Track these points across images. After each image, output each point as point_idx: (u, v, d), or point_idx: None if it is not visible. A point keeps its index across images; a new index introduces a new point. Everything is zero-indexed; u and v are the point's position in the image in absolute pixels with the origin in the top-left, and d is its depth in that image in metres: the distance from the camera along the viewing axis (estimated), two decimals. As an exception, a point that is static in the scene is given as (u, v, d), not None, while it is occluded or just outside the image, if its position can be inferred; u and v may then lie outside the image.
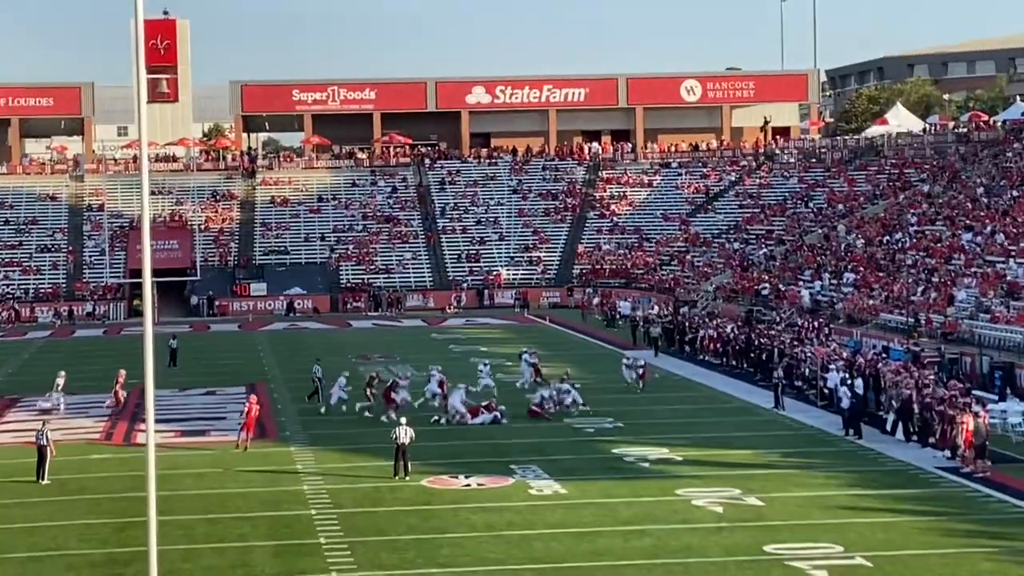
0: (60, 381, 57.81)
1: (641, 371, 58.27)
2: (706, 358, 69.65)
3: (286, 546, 34.15)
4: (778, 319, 74.63)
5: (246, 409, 48.28)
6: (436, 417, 51.65)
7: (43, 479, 41.85)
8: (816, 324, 69.43)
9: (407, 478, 41.35)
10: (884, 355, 58.99)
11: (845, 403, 48.63)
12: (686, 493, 39.21)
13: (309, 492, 40.22)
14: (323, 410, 53.60)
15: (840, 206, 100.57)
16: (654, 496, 39.02)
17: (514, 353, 67.54)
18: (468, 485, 40.94)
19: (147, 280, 18.18)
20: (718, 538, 34.15)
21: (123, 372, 58.06)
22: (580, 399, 53.47)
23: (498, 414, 51.62)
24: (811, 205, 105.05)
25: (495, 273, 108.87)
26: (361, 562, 32.31)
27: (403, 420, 43.21)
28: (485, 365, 59.88)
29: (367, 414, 52.40)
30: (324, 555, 33.11)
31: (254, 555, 33.38)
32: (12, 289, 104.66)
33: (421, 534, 35.03)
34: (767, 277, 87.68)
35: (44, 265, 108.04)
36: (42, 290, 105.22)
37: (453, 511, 37.48)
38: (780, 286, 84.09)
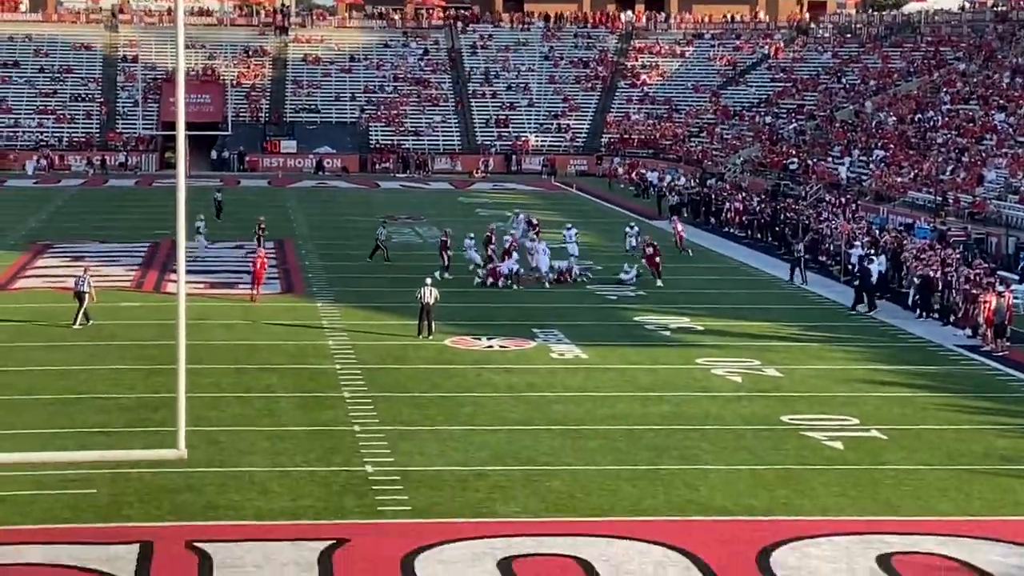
0: (200, 224, 59.00)
1: (646, 241, 57.73)
2: (731, 231, 69.81)
3: (311, 398, 34.75)
4: (805, 194, 74.64)
5: (256, 262, 49.36)
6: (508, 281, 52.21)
7: (76, 324, 42.52)
8: (843, 200, 69.44)
9: (430, 338, 41.87)
10: (910, 233, 59.09)
11: (874, 278, 48.94)
12: (706, 362, 39.66)
13: (334, 347, 40.80)
14: (448, 276, 52.67)
15: (873, 83, 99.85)
16: (674, 364, 39.49)
17: (544, 219, 67.76)
18: (490, 347, 41.45)
19: (181, 132, 18.41)
20: (736, 407, 34.63)
21: (262, 219, 59.03)
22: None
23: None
24: (844, 81, 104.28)
25: (523, 139, 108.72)
26: (384, 417, 32.88)
27: (428, 280, 43.59)
28: (569, 229, 59.77)
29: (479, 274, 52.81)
30: (348, 408, 33.70)
31: (279, 405, 34.01)
32: (46, 137, 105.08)
33: (443, 392, 35.59)
34: (796, 152, 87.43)
35: (78, 114, 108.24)
36: (76, 139, 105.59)
37: (475, 371, 38.01)
38: (808, 161, 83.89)
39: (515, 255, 53.20)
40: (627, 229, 61.99)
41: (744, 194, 74.93)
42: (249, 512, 26.10)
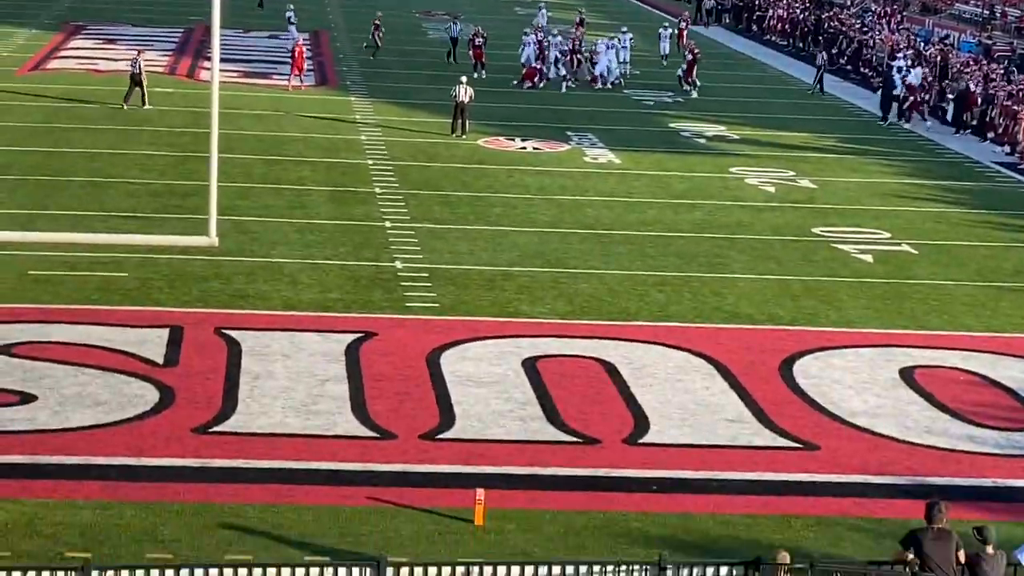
0: (291, 15, 58.43)
1: (689, 47, 56.72)
2: (773, 38, 68.85)
3: (342, 192, 34.75)
4: (850, 3, 73.39)
5: (294, 51, 49.17)
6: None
7: (146, 104, 42.78)
8: (888, 11, 68.31)
9: (464, 136, 41.68)
10: (954, 46, 58.24)
11: (898, 90, 48.41)
12: (739, 171, 39.47)
13: (367, 142, 40.68)
14: (483, 75, 51.81)
15: None
16: (708, 172, 39.31)
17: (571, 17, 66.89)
18: (524, 148, 41.27)
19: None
20: (767, 217, 34.54)
21: (380, 14, 57.99)
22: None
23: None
24: None
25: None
26: (415, 214, 32.90)
27: (463, 78, 43.19)
28: (624, 33, 58.82)
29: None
30: (379, 204, 33.72)
31: (310, 198, 34.04)
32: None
33: (474, 192, 35.54)
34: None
35: None
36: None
37: (507, 172, 37.91)
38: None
39: (605, 56, 52.63)
40: (660, 31, 60.87)
41: (788, 1, 73.67)
42: (278, 302, 26.29)
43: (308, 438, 20.33)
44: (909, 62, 51.59)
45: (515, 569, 14.01)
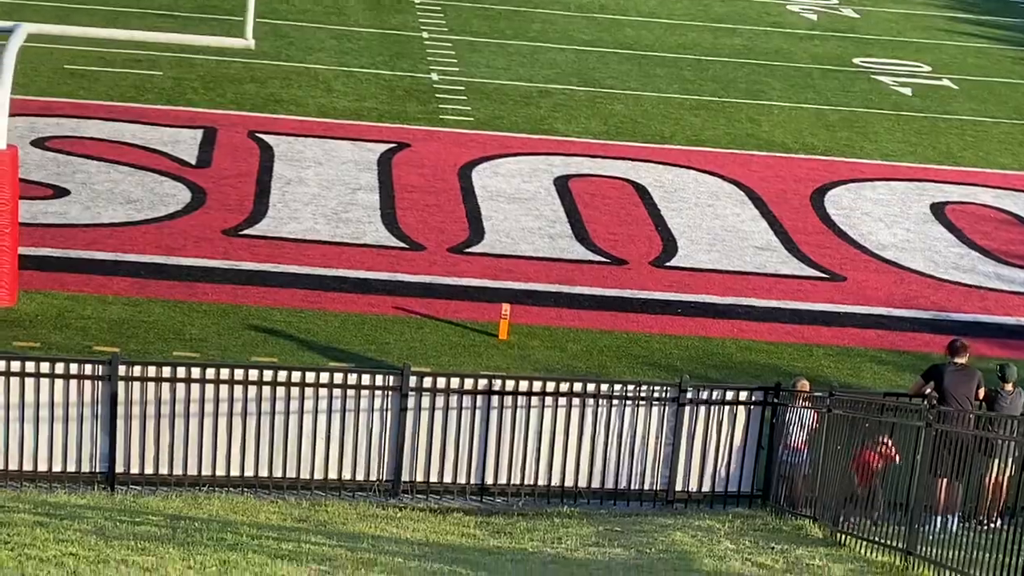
0: None
1: None
2: None
3: (380, 1, 34.40)
4: None
5: None
6: None
7: None
8: None
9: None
10: None
11: None
12: (783, -3, 38.96)
13: (407, -50, 40.17)
14: None
15: None
16: (750, -4, 38.80)
17: None
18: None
19: None
20: (808, 45, 34.14)
21: None
22: None
23: None
24: None
25: None
26: (452, 26, 32.62)
27: None
28: None
29: None
30: (417, 14, 33.41)
31: (348, 5, 33.74)
32: None
33: (513, 6, 35.16)
34: None
35: None
36: None
37: (548, -14, 37.47)
38: None
39: None
40: None
41: None
42: (312, 108, 26.22)
43: (337, 246, 20.43)
44: None
45: (536, 384, 14.15)
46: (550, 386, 14.29)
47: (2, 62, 17.11)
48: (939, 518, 12.26)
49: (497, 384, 14.21)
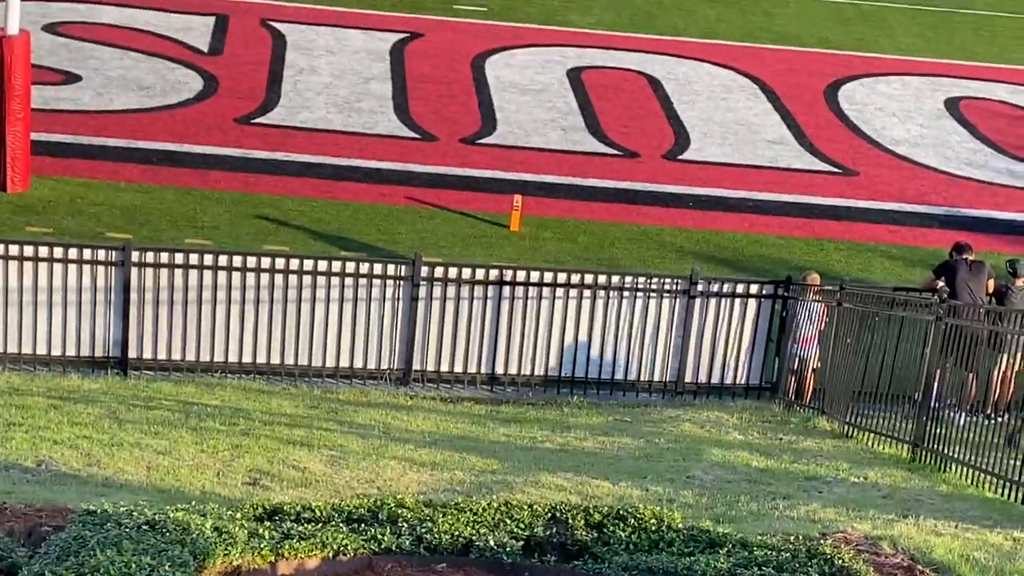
0: None
1: None
2: None
3: None
4: None
5: None
6: None
7: None
8: None
9: None
10: None
11: None
12: None
13: None
14: None
15: None
16: None
17: None
18: None
19: None
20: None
21: None
22: None
23: None
24: None
25: None
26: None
27: None
28: None
29: None
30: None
31: None
32: None
33: None
34: None
35: None
36: None
37: None
38: None
39: None
40: None
41: None
42: (324, -4, 26.07)
43: (349, 135, 20.39)
44: None
45: (547, 275, 14.19)
46: (561, 277, 14.34)
47: (13, -54, 16.99)
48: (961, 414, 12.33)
49: (508, 275, 14.27)
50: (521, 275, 14.29)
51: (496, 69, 23.45)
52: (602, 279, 14.37)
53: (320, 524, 6.60)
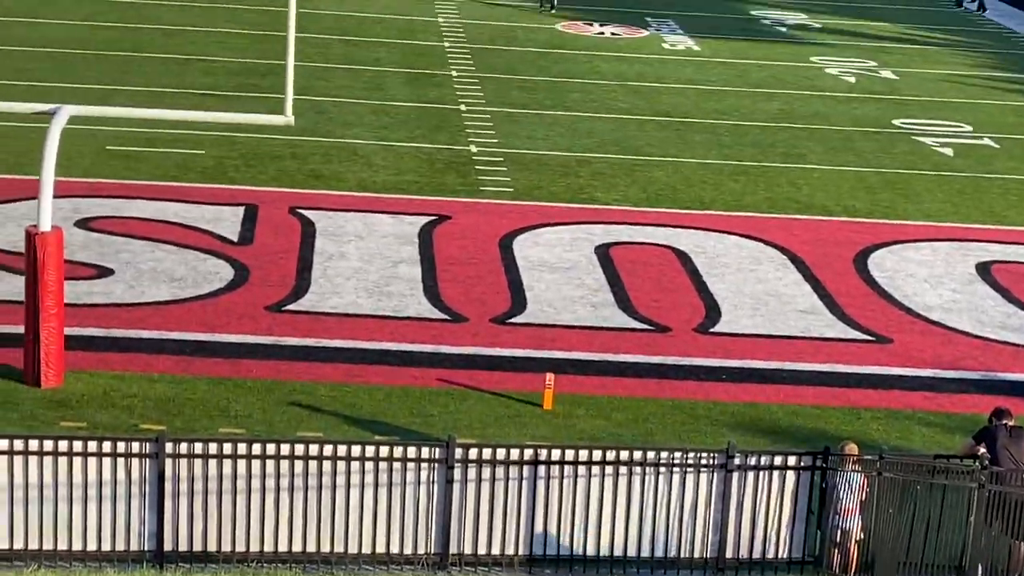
0: None
1: None
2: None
3: (418, 75, 34.63)
4: None
5: None
6: None
7: None
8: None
9: (553, 11, 41.80)
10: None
11: None
12: (820, 61, 38.98)
13: (444, 24, 40.45)
14: None
15: None
16: (787, 61, 38.84)
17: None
18: (602, 33, 40.92)
19: None
20: (846, 108, 34.12)
21: None
22: None
23: None
24: None
25: None
26: (490, 98, 32.76)
27: None
28: None
29: None
30: (455, 87, 33.59)
31: (387, 80, 33.94)
32: None
33: (551, 77, 35.32)
34: None
35: None
36: None
37: (585, 58, 37.63)
38: None
39: None
40: None
41: None
42: (352, 183, 26.33)
43: (380, 319, 20.44)
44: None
45: (583, 453, 14.09)
46: (596, 455, 14.22)
47: (45, 145, 17.25)
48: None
49: (543, 454, 14.15)
50: (556, 454, 14.18)
51: (524, 248, 23.56)
52: (638, 455, 14.24)
53: None
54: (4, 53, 33.76)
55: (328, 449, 13.85)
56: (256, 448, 13.77)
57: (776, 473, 14.33)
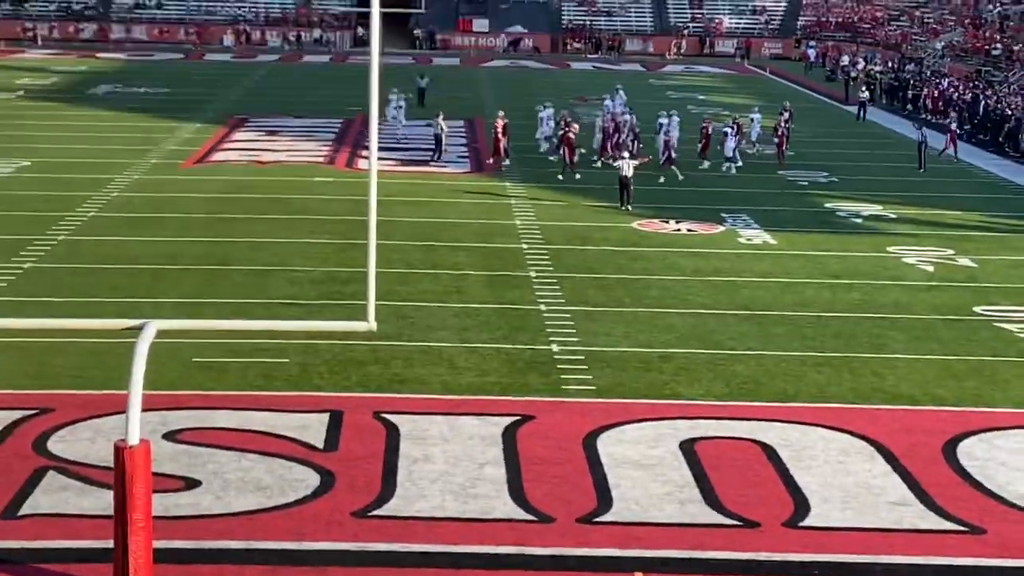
0: (396, 101, 58.42)
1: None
2: (928, 116, 68.16)
3: (498, 277, 34.99)
4: (1008, 81, 72.45)
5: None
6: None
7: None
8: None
9: (630, 208, 42.38)
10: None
11: None
12: (897, 251, 39.01)
13: (521, 226, 40.97)
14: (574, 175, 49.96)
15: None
16: (864, 252, 38.91)
17: (734, 102, 66.94)
18: (678, 230, 41.26)
19: (376, 9, 18.43)
20: (927, 296, 34.04)
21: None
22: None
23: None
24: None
25: (717, 21, 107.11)
26: (569, 297, 33.00)
27: (625, 153, 44.19)
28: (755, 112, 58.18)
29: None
30: (534, 288, 33.88)
31: (467, 282, 34.32)
32: (244, 12, 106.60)
33: (629, 275, 35.57)
34: (999, 37, 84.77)
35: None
36: (272, 15, 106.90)
37: (662, 255, 37.90)
38: (1013, 47, 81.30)
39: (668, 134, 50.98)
40: (753, 115, 57.85)
41: (942, 80, 73.05)
42: (436, 386, 26.48)
43: (467, 522, 20.39)
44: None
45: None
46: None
47: (133, 360, 17.54)
48: None
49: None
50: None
51: (608, 446, 23.52)
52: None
53: None
54: (95, 271, 34.51)
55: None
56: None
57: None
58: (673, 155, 49.00)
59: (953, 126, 57.35)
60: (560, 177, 48.73)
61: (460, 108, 60.10)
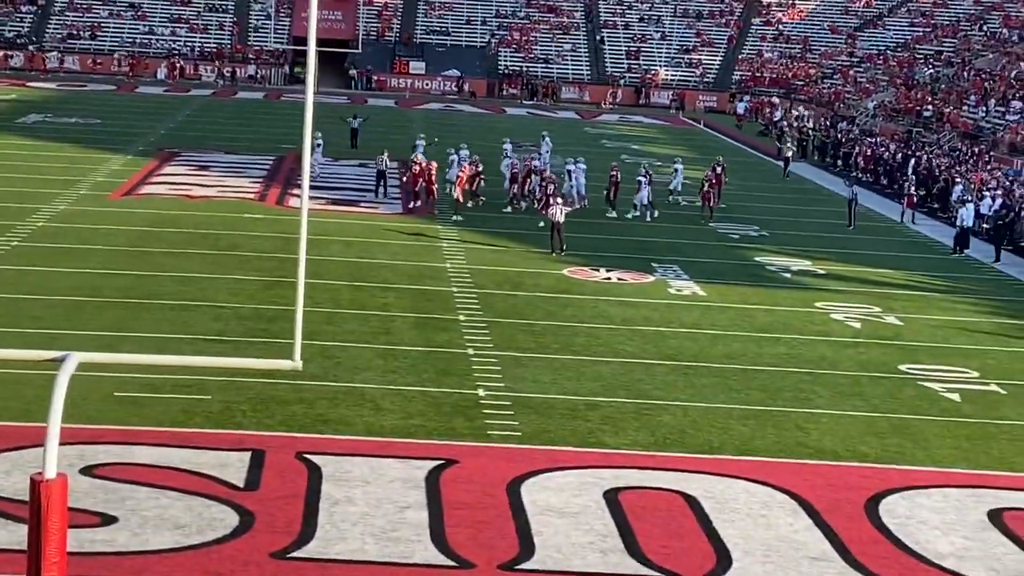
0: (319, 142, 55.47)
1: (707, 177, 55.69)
2: (858, 175, 68.78)
3: (426, 319, 34.85)
4: (938, 142, 73.29)
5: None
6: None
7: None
8: (976, 150, 68.12)
9: (562, 254, 42.49)
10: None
11: (967, 222, 49.09)
12: (825, 306, 39.22)
13: (452, 270, 40.88)
14: (519, 206, 51.91)
15: (1017, 33, 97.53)
16: (793, 306, 39.09)
17: (669, 153, 67.27)
18: (608, 279, 41.30)
19: (312, 48, 18.30)
20: (853, 353, 34.21)
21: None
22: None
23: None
24: (985, 28, 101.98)
25: (653, 72, 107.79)
26: (497, 342, 32.90)
27: (559, 200, 44.55)
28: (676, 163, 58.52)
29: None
30: (463, 331, 33.76)
31: (395, 324, 34.16)
32: (178, 46, 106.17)
33: (558, 321, 35.52)
34: (931, 99, 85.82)
35: (211, 25, 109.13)
36: (207, 49, 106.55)
37: (592, 302, 37.89)
38: (944, 109, 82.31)
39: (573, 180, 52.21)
40: (675, 165, 58.22)
41: (873, 139, 73.79)
42: (360, 427, 26.28)
43: (387, 565, 20.19)
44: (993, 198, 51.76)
45: None
46: None
47: (53, 393, 17.24)
48: None
49: None
50: None
51: (532, 492, 23.39)
52: None
53: None
54: (17, 301, 34.06)
55: None
56: None
57: None
58: (585, 203, 50.47)
59: (912, 190, 57.43)
60: (508, 209, 49.65)
61: (394, 149, 59.96)
